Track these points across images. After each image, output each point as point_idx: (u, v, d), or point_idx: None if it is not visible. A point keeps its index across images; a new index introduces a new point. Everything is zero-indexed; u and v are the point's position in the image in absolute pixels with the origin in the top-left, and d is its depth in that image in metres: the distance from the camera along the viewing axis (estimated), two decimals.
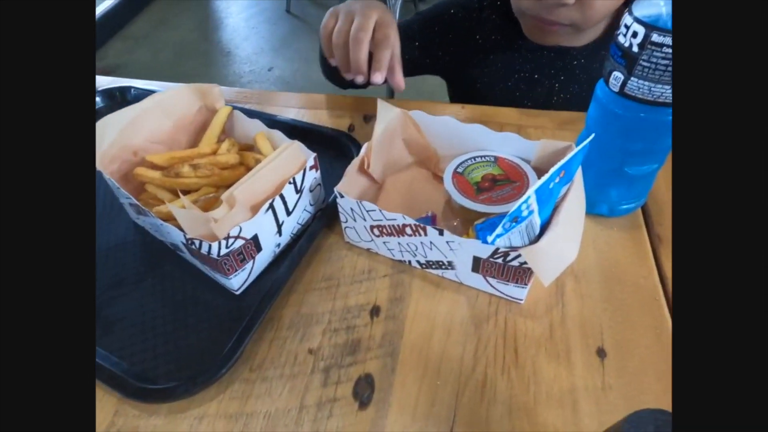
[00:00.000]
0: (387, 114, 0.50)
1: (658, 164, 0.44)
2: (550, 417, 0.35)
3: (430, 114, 0.51)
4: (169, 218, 0.42)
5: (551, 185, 0.36)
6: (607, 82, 0.41)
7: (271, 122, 0.61)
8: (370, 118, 0.65)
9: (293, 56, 2.50)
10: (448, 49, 0.75)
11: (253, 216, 0.42)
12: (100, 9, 2.48)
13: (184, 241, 0.41)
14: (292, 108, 0.67)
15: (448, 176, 0.48)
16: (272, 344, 0.41)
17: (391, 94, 1.00)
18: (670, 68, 0.35)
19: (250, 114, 0.53)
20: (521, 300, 0.42)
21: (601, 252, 0.46)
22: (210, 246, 0.39)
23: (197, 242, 0.40)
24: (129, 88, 0.68)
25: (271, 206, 0.43)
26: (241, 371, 0.39)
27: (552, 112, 0.64)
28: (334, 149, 0.58)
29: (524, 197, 0.34)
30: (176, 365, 0.39)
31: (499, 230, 0.35)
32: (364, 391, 0.37)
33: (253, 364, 0.40)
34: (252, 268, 0.45)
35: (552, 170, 0.35)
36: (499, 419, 0.35)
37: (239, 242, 0.41)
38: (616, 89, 0.39)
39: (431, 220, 0.47)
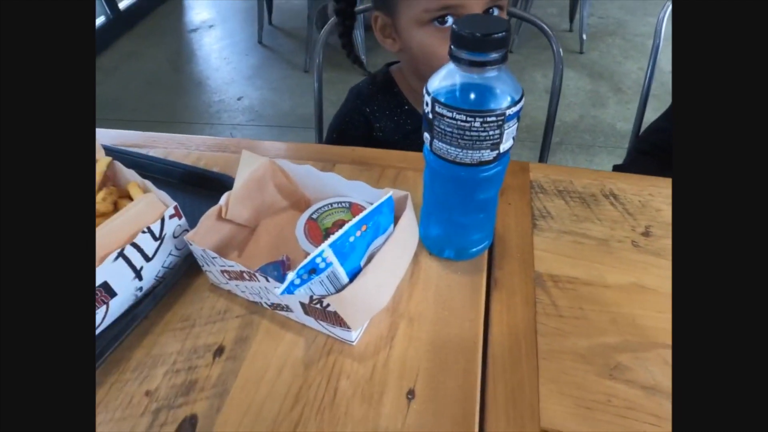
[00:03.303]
0: (251, 164, 0.54)
1: (483, 214, 0.48)
2: None
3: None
4: None
5: (351, 239, 0.39)
6: (424, 140, 0.44)
7: (165, 167, 0.65)
8: None
9: (263, 85, 2.56)
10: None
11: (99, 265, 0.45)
12: None
13: None
14: (195, 152, 0.71)
15: (300, 222, 0.51)
16: (112, 387, 0.43)
17: (320, 140, 1.04)
18: (455, 135, 0.39)
19: (148, 160, 0.57)
20: (352, 342, 0.45)
21: (440, 295, 0.49)
22: None
23: None
24: None
25: (122, 254, 0.46)
26: None
27: None
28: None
29: (318, 251, 0.37)
30: None
31: (296, 280, 0.38)
32: None
33: None
34: (106, 312, 0.47)
35: (347, 226, 0.38)
36: None
37: None
38: (429, 147, 0.43)
39: (281, 264, 0.50)
